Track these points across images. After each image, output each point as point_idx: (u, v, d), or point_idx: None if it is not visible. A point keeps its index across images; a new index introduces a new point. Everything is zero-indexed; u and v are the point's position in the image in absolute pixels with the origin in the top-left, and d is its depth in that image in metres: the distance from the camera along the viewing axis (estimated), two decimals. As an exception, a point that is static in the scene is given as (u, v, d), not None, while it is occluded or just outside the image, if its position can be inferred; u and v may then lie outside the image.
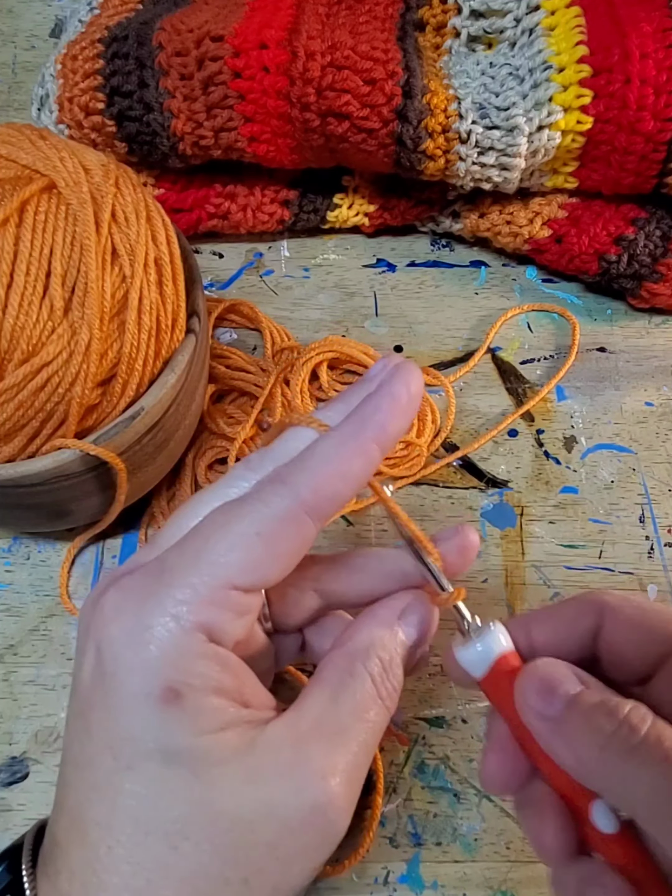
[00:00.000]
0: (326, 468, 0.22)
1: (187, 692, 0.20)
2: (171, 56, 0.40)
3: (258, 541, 0.21)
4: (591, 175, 0.42)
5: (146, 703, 0.20)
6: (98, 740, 0.21)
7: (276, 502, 0.22)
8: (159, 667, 0.20)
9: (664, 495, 0.41)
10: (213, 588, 0.21)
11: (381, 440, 0.22)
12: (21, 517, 0.36)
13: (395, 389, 0.23)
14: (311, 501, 0.22)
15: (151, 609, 0.21)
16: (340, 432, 0.22)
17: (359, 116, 0.39)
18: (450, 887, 0.32)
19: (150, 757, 0.20)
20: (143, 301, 0.31)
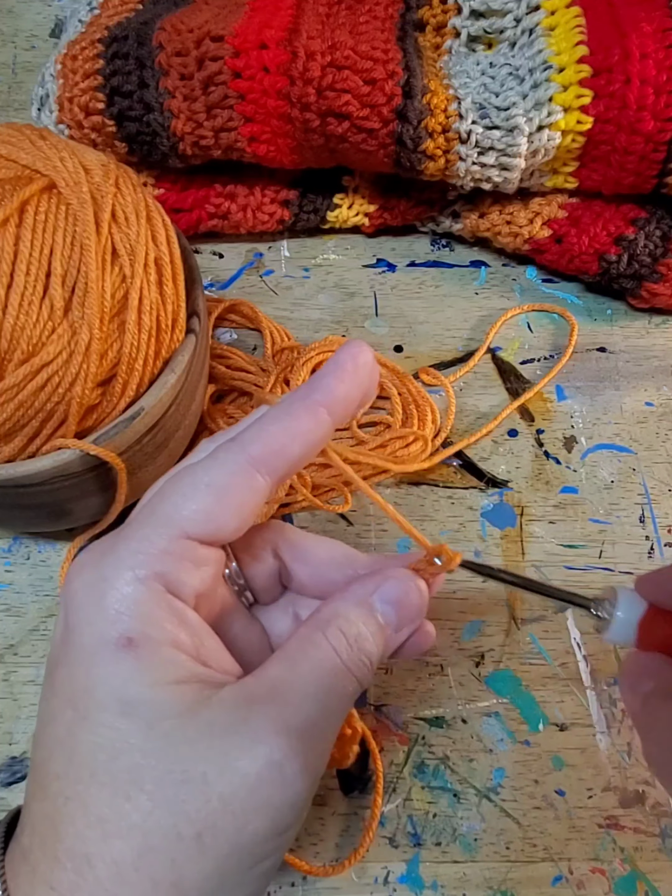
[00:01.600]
0: (273, 426, 0.23)
1: (142, 641, 0.21)
2: (172, 56, 0.40)
3: (208, 491, 0.22)
4: (591, 175, 0.42)
5: (102, 652, 0.21)
6: (60, 694, 0.21)
7: (224, 456, 0.23)
8: (115, 615, 0.21)
9: (664, 495, 0.41)
10: (168, 538, 0.22)
11: (327, 402, 0.23)
12: (21, 517, 0.36)
13: (340, 357, 0.24)
14: (259, 455, 0.23)
15: (109, 562, 0.22)
16: (289, 396, 0.24)
17: (359, 116, 0.39)
18: (449, 887, 0.32)
19: (105, 707, 0.20)
20: (143, 301, 0.31)
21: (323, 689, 0.22)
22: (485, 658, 0.37)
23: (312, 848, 0.33)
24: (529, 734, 0.35)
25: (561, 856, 0.33)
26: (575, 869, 0.33)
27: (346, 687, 0.23)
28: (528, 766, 0.35)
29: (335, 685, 0.23)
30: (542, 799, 0.34)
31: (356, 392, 0.24)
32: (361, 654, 0.23)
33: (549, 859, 0.33)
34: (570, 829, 0.33)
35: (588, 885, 0.32)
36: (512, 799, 0.34)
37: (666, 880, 0.32)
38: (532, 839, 0.33)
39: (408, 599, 0.25)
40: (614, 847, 0.33)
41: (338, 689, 0.23)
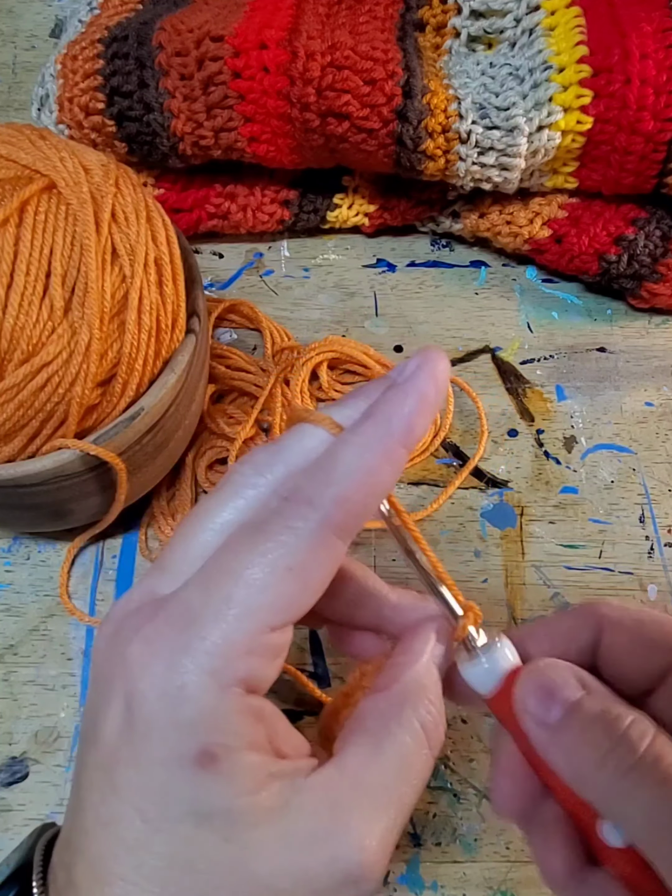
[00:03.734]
0: (354, 481, 0.20)
1: (223, 754, 0.19)
2: (171, 56, 0.40)
3: (291, 576, 0.20)
4: (591, 175, 0.42)
5: (180, 767, 0.19)
6: (126, 799, 0.20)
7: (304, 528, 0.20)
8: (194, 729, 0.19)
9: (664, 495, 0.41)
10: (249, 635, 0.20)
11: (408, 443, 0.20)
12: (21, 517, 0.36)
13: (422, 384, 0.21)
14: (341, 521, 0.20)
15: (185, 665, 0.19)
16: (364, 436, 0.20)
17: (359, 116, 0.39)
18: (449, 887, 0.32)
19: (181, 820, 0.19)
20: (143, 301, 0.31)
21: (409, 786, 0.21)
22: (485, 658, 0.37)
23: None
24: (529, 734, 0.35)
25: (561, 856, 0.33)
26: (575, 869, 0.33)
27: (427, 777, 0.22)
28: (528, 766, 0.34)
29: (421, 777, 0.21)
30: (542, 799, 0.34)
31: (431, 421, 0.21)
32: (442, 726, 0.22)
33: (549, 859, 0.33)
34: (570, 829, 0.33)
35: None
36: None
37: (666, 880, 0.32)
38: (532, 839, 0.33)
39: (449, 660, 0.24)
40: (614, 847, 0.33)
41: (422, 782, 0.21)
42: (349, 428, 0.21)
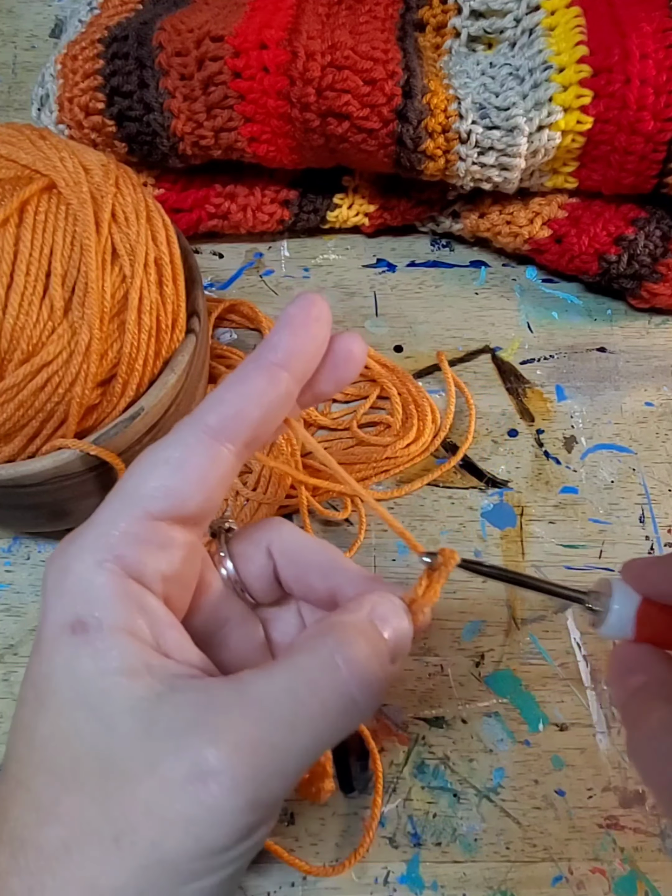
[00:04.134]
0: (227, 392, 0.22)
1: (93, 625, 0.20)
2: (171, 56, 0.40)
3: (167, 467, 0.22)
4: (591, 175, 0.42)
5: (58, 637, 0.21)
6: (27, 680, 0.21)
7: (182, 431, 0.22)
8: (70, 600, 0.21)
9: (664, 495, 0.41)
10: (130, 519, 0.22)
11: (280, 359, 0.22)
12: (21, 517, 0.36)
13: (290, 312, 0.23)
14: (216, 424, 0.22)
15: (73, 548, 0.22)
16: (242, 361, 0.23)
17: (359, 116, 0.39)
18: (449, 887, 0.32)
19: (59, 694, 0.20)
20: (143, 301, 0.31)
21: (300, 705, 0.20)
22: (485, 658, 0.37)
23: (312, 848, 0.33)
24: (529, 734, 0.35)
25: (561, 856, 0.33)
26: (575, 869, 0.33)
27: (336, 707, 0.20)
28: (528, 766, 0.35)
29: (322, 703, 0.20)
30: (542, 799, 0.34)
31: (311, 346, 0.23)
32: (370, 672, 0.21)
33: (549, 859, 0.33)
34: (570, 829, 0.33)
35: (588, 885, 0.32)
36: (512, 799, 0.34)
37: (666, 880, 0.32)
38: (532, 839, 0.33)
39: (402, 626, 0.23)
40: (614, 847, 0.33)
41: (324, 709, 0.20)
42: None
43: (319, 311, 0.23)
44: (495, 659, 0.37)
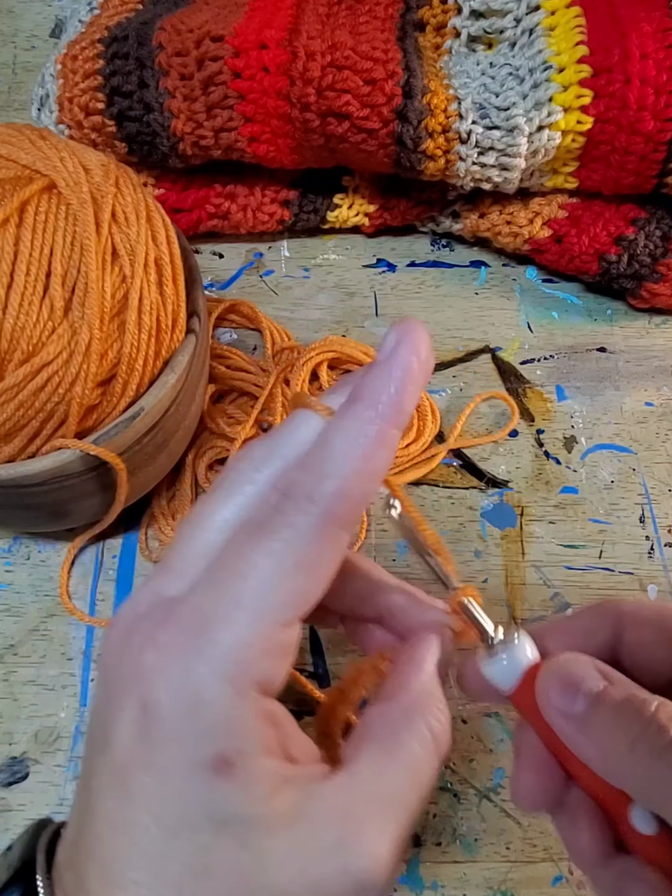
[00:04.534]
0: (350, 471, 0.20)
1: (239, 760, 0.19)
2: (172, 56, 0.40)
3: (297, 573, 0.20)
4: (591, 175, 0.42)
5: (196, 773, 0.19)
6: (140, 805, 0.20)
7: (306, 523, 0.20)
8: (211, 734, 0.19)
9: (664, 495, 0.41)
10: (261, 636, 0.20)
11: (399, 422, 0.20)
12: (21, 517, 0.36)
13: (404, 359, 0.20)
14: (342, 512, 0.20)
15: (199, 670, 0.19)
16: (354, 420, 0.20)
17: (359, 116, 0.39)
18: (449, 887, 0.32)
19: (197, 827, 0.19)
20: (143, 301, 0.31)
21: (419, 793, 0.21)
22: (485, 658, 0.37)
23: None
24: (529, 734, 0.35)
25: (561, 856, 0.33)
26: (575, 869, 0.33)
27: (434, 782, 0.21)
28: (528, 766, 0.34)
29: (429, 783, 0.21)
30: (542, 799, 0.34)
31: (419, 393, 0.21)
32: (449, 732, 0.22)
33: (549, 859, 0.33)
34: (570, 829, 0.33)
35: (588, 886, 0.32)
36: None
37: (666, 880, 0.32)
38: (532, 839, 0.33)
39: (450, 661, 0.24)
40: (614, 847, 0.33)
41: (430, 788, 0.21)
42: (338, 412, 0.21)
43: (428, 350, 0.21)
44: (495, 659, 0.37)
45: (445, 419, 0.43)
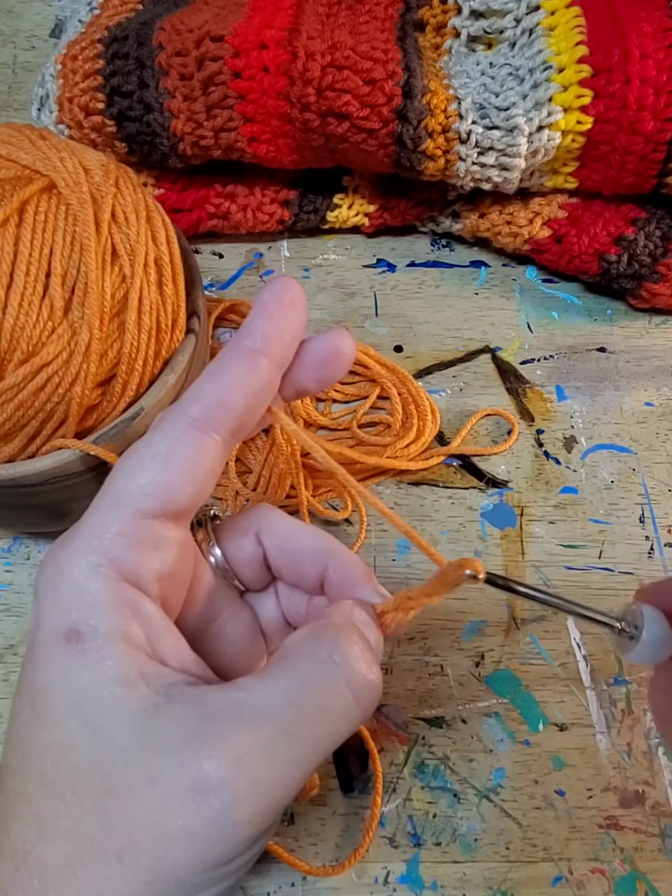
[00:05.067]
0: (208, 382, 0.22)
1: (88, 634, 0.20)
2: (171, 56, 0.40)
3: (154, 462, 0.22)
4: (591, 175, 0.42)
5: (54, 647, 0.20)
6: (22, 690, 0.21)
7: (166, 424, 0.22)
8: (65, 608, 0.20)
9: (664, 495, 0.41)
10: (122, 519, 0.21)
11: (258, 345, 0.22)
12: (21, 517, 0.36)
13: (264, 298, 0.23)
14: (200, 415, 0.22)
15: (65, 552, 0.21)
16: (221, 350, 0.23)
17: (359, 116, 0.39)
18: (449, 888, 0.32)
19: (56, 705, 0.20)
20: (143, 301, 0.31)
21: (300, 710, 0.20)
22: (485, 658, 0.37)
23: (312, 848, 0.33)
24: (529, 734, 0.35)
25: (561, 856, 0.33)
26: (575, 869, 0.33)
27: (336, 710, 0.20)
28: (528, 766, 0.35)
29: (322, 706, 0.20)
30: (542, 799, 0.34)
31: (287, 330, 0.23)
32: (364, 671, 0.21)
33: (549, 859, 0.33)
34: (570, 829, 0.33)
35: (588, 886, 0.32)
36: (512, 799, 0.34)
37: (666, 880, 0.32)
38: (532, 839, 0.33)
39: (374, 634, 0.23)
40: (614, 847, 0.33)
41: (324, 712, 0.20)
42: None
43: (294, 296, 0.23)
44: (495, 659, 0.37)
45: (445, 419, 0.43)
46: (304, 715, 0.20)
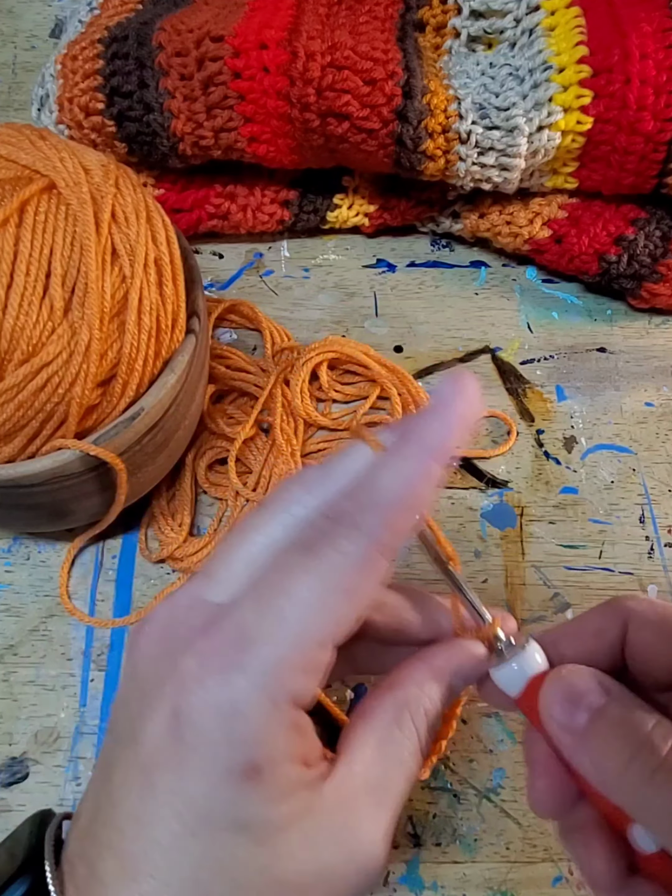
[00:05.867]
0: (397, 502, 0.21)
1: (268, 767, 0.20)
2: (171, 56, 0.40)
3: (340, 596, 0.20)
4: (591, 175, 0.42)
5: (226, 779, 0.20)
6: (164, 802, 0.20)
7: (353, 550, 0.21)
8: (244, 744, 0.20)
9: (664, 495, 0.41)
10: (301, 654, 0.20)
11: (442, 460, 0.21)
12: (21, 517, 0.36)
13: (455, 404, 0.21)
14: (385, 541, 0.21)
15: (238, 682, 0.20)
16: (403, 456, 0.21)
17: (359, 117, 0.39)
18: (449, 888, 0.32)
19: (218, 826, 0.20)
20: (143, 301, 0.31)
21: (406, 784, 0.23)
22: (485, 658, 0.37)
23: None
24: (529, 734, 0.35)
25: (561, 856, 0.33)
26: (575, 869, 0.33)
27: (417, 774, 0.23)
28: (528, 766, 0.35)
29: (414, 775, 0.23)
30: (542, 799, 0.34)
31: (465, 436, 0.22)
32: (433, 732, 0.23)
33: (549, 859, 0.33)
34: (570, 830, 0.33)
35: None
36: (512, 799, 0.34)
37: (666, 880, 0.32)
38: (532, 839, 0.33)
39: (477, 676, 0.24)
40: (614, 847, 0.33)
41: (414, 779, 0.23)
42: (390, 448, 0.22)
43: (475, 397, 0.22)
44: (495, 659, 0.37)
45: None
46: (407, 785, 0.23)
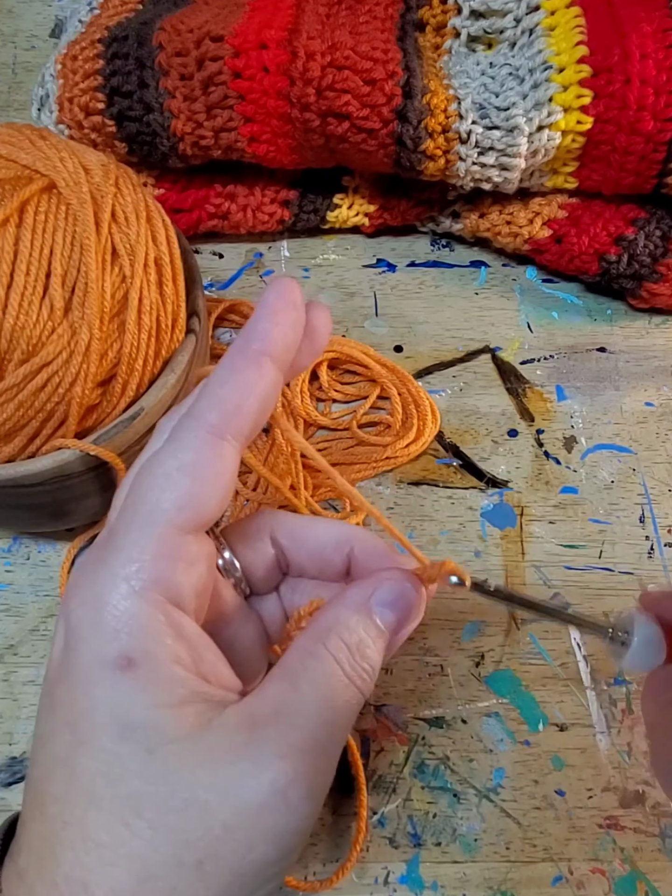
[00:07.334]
0: (222, 388, 0.22)
1: (141, 660, 0.20)
2: (172, 56, 0.40)
3: (181, 475, 0.21)
4: (591, 175, 0.42)
5: (101, 673, 0.20)
6: (59, 715, 0.21)
7: (186, 435, 0.22)
8: (113, 634, 0.20)
9: (664, 495, 0.41)
10: (157, 538, 0.21)
11: (267, 349, 0.22)
12: (21, 517, 0.36)
13: (269, 300, 0.22)
14: (218, 421, 0.22)
15: (103, 575, 0.21)
16: (228, 354, 0.23)
17: (359, 116, 0.39)
18: (449, 888, 0.32)
19: (104, 730, 0.20)
20: (143, 301, 0.31)
21: (328, 707, 0.22)
22: (485, 658, 0.37)
23: (312, 848, 0.33)
24: (529, 734, 0.35)
25: (561, 856, 0.33)
26: (575, 869, 0.33)
27: (350, 700, 0.22)
28: (528, 766, 0.35)
29: (339, 700, 0.22)
30: (542, 799, 0.34)
31: (292, 332, 0.22)
32: (364, 662, 0.23)
33: (549, 859, 0.33)
34: (570, 829, 0.33)
35: (588, 886, 0.32)
36: (512, 799, 0.34)
37: (666, 880, 0.32)
38: (532, 839, 0.33)
39: (406, 600, 0.24)
40: (614, 847, 0.33)
41: (342, 704, 0.22)
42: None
43: (296, 297, 0.22)
44: (495, 659, 0.37)
45: (445, 419, 0.43)
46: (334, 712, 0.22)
